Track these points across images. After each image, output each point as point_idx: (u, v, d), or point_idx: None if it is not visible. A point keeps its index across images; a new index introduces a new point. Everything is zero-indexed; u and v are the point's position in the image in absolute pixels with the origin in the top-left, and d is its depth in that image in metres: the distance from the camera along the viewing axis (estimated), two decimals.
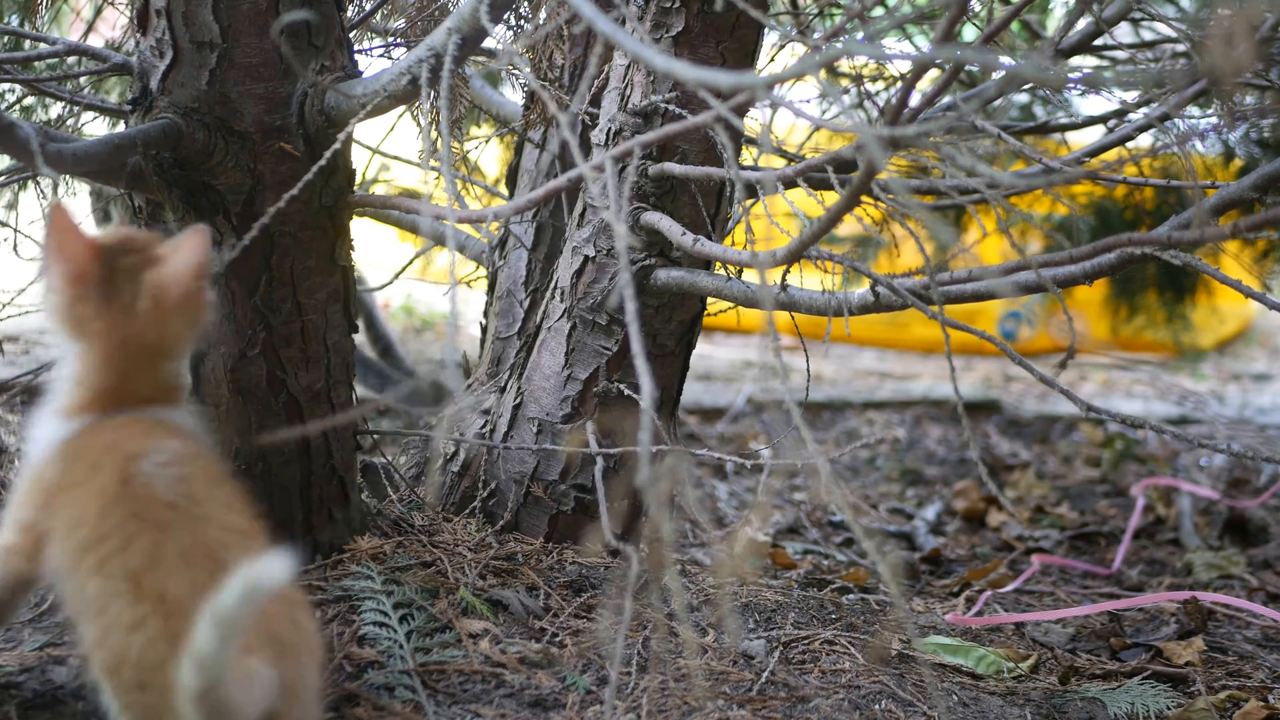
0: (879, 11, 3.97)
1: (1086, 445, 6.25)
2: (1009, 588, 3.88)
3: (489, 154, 4.87)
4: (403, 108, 3.34)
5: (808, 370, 3.35)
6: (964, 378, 7.75)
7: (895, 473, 5.54)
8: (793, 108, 1.98)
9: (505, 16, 3.36)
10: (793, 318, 3.04)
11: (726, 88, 1.67)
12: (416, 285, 7.22)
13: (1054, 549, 4.53)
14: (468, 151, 4.20)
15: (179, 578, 1.95)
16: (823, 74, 3.61)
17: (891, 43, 4.40)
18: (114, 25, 4.19)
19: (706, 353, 7.89)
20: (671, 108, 3.02)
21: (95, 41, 4.20)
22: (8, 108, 3.56)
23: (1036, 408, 7.10)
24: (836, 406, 6.73)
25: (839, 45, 2.33)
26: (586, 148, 3.33)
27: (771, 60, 3.76)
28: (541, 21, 3.36)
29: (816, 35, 3.66)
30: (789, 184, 2.86)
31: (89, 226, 2.18)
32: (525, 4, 3.45)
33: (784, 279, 2.85)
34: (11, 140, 2.26)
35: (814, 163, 2.38)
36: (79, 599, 2.01)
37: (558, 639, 2.78)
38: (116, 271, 2.15)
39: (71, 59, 3.17)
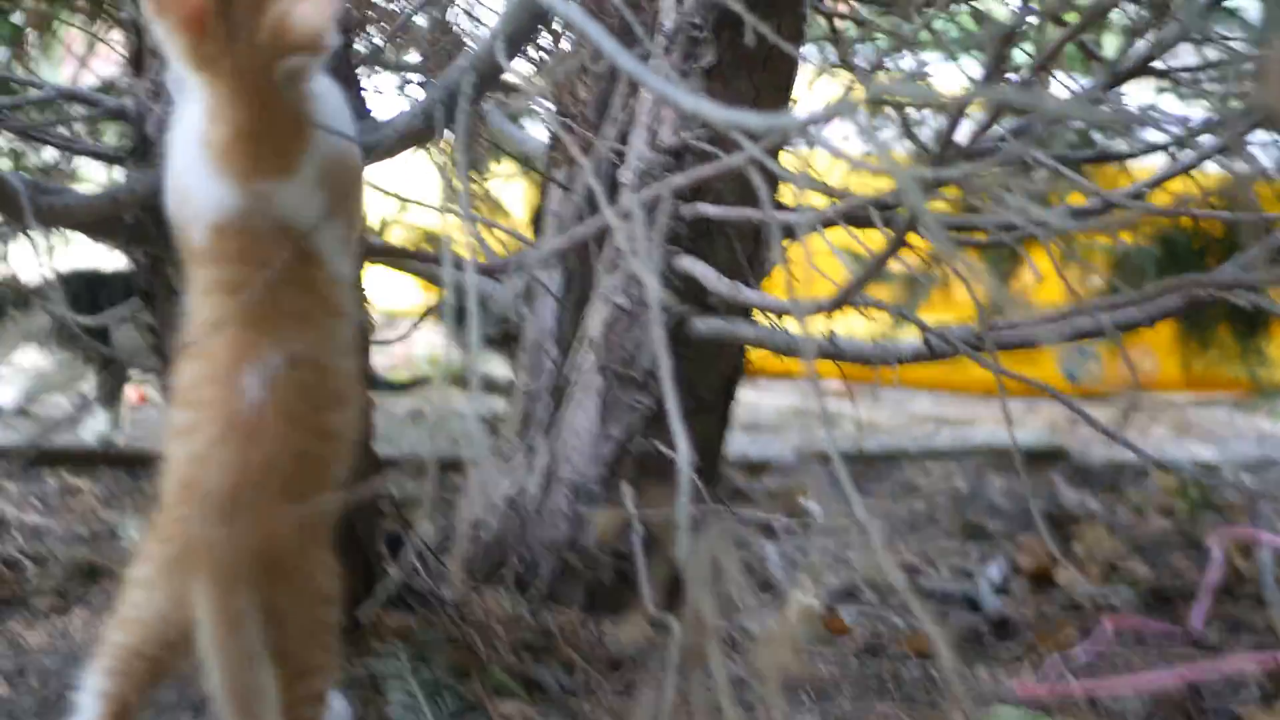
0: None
1: (1159, 493, 6.19)
2: (1079, 653, 3.83)
3: (514, 189, 4.87)
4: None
5: (858, 421, 3.32)
6: (1026, 422, 7.69)
7: (956, 527, 5.49)
8: (829, 146, 1.96)
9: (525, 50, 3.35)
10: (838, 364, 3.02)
11: (759, 130, 1.66)
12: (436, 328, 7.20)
13: (1127, 608, 4.47)
14: (489, 190, 4.19)
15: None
16: (864, 106, 3.59)
17: (937, 59, 4.37)
18: (108, 59, 4.18)
19: (752, 400, 7.84)
20: (703, 145, 3.01)
21: (91, 74, 4.23)
22: None
23: (1105, 453, 7.02)
24: (891, 457, 6.68)
25: (880, 82, 2.31)
26: (614, 187, 3.31)
27: (811, 86, 3.74)
28: (564, 57, 3.35)
29: (858, 58, 3.65)
30: (829, 223, 2.84)
31: None
32: (547, 37, 3.44)
33: (829, 327, 2.83)
34: (0, 196, 2.25)
35: (854, 204, 2.37)
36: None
37: None
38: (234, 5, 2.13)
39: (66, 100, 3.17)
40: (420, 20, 3.42)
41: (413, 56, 3.58)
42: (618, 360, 3.16)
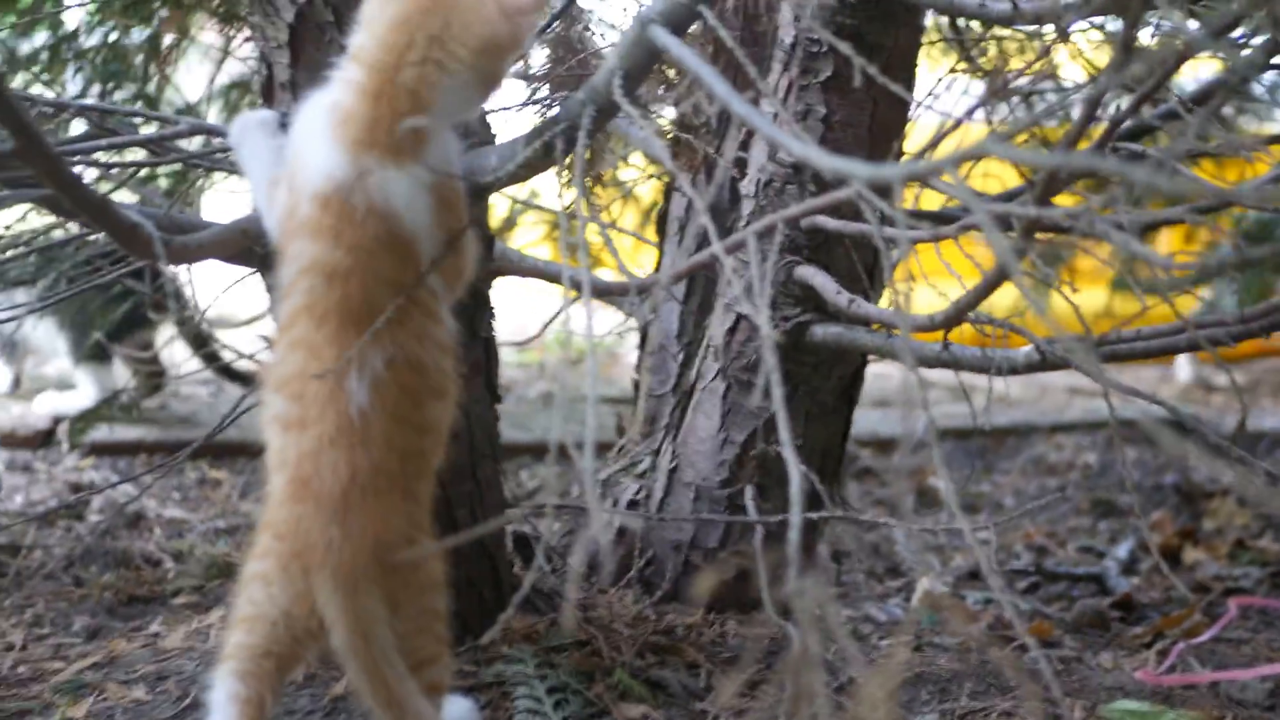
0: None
1: None
2: (1204, 636, 3.80)
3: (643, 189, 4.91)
4: None
5: (988, 395, 3.30)
6: (1159, 390, 7.66)
7: (1086, 504, 5.48)
8: (935, 187, 2.03)
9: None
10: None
11: (863, 178, 1.73)
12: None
13: (1255, 588, 4.43)
14: (618, 185, 4.24)
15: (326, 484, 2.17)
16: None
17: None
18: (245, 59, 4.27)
19: (882, 372, 7.81)
20: None
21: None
22: (131, 175, 3.64)
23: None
24: (1022, 431, 6.67)
25: (977, 140, 2.35)
26: (735, 197, 3.37)
27: (940, 83, 3.73)
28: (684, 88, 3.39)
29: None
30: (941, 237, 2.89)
31: None
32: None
33: (945, 337, 2.88)
34: (134, 240, 2.32)
35: (965, 223, 2.41)
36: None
37: None
38: None
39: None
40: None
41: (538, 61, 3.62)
42: (739, 366, 3.22)
